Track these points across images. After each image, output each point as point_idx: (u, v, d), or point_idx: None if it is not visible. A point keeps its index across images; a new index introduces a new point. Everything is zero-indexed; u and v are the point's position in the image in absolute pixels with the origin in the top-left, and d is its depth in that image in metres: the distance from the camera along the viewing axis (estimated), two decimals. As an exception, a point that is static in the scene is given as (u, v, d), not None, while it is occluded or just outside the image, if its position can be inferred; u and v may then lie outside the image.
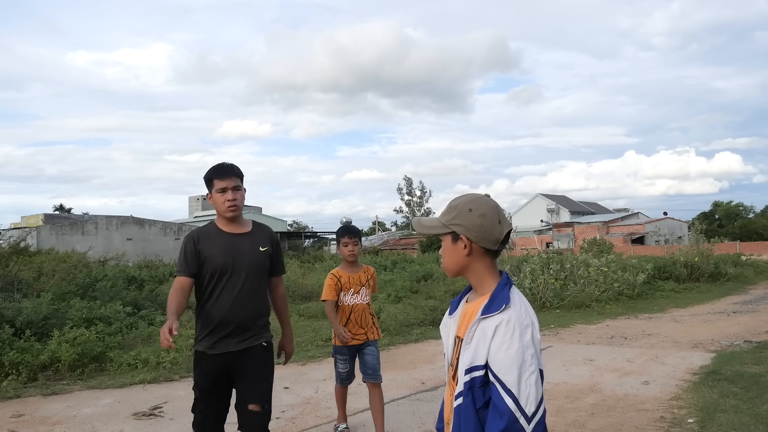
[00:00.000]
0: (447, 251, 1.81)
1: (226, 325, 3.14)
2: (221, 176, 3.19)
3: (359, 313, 4.50)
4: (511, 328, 1.64)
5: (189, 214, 70.44)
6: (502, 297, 1.69)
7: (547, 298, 12.69)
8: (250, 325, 3.20)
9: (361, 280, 4.54)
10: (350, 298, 4.49)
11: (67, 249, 23.75)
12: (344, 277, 4.50)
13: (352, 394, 5.93)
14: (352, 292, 4.49)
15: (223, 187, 3.17)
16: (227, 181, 3.19)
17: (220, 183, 3.18)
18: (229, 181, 3.19)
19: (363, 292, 4.53)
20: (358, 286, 4.51)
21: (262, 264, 3.28)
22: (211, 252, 3.16)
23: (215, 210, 3.24)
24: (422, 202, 68.16)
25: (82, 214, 55.82)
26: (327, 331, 9.43)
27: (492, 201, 1.80)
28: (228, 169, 3.23)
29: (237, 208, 3.19)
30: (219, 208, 3.20)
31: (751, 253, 28.17)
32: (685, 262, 18.21)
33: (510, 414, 1.58)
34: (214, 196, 3.21)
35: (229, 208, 3.18)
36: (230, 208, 3.18)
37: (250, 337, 3.20)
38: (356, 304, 4.50)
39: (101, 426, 5.11)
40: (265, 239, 3.32)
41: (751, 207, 76.02)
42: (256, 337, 3.22)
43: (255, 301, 3.23)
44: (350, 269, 4.54)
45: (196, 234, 3.25)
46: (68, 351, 6.85)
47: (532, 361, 1.63)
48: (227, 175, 3.20)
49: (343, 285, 4.48)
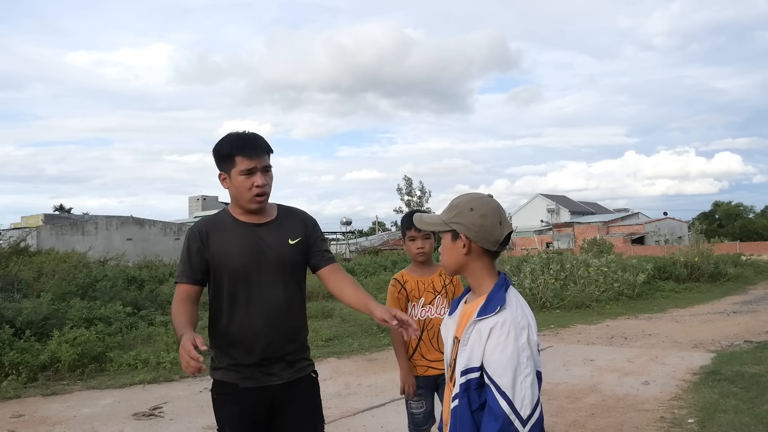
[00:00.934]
0: (446, 249, 1.81)
1: (259, 348, 2.32)
2: (248, 152, 2.31)
3: (435, 330, 3.23)
4: (506, 330, 1.63)
5: (189, 214, 70.45)
6: (497, 299, 1.69)
7: (547, 298, 12.68)
8: (290, 345, 2.39)
9: (435, 285, 3.31)
10: (422, 311, 3.28)
11: (67, 249, 23.75)
12: (411, 282, 3.30)
13: (352, 394, 5.93)
14: (423, 303, 3.29)
15: (251, 167, 2.30)
16: (256, 159, 2.31)
17: (245, 162, 2.30)
18: (259, 160, 2.32)
19: (439, 302, 3.30)
20: (432, 294, 3.30)
21: (296, 261, 2.44)
22: (225, 250, 2.34)
23: (233, 197, 2.40)
24: (422, 202, 68.06)
25: (82, 214, 55.84)
26: (326, 331, 9.43)
27: (494, 201, 1.80)
28: (257, 143, 2.34)
29: (266, 197, 2.37)
30: (242, 195, 2.34)
31: (751, 253, 28.12)
32: (685, 262, 18.20)
33: (504, 416, 1.58)
34: (235, 179, 2.32)
35: (256, 198, 2.33)
36: (258, 197, 2.33)
37: (296, 362, 2.41)
38: (430, 318, 3.27)
39: (101, 426, 5.11)
40: (296, 227, 2.47)
41: (751, 207, 76.06)
42: (301, 363, 2.43)
43: (291, 312, 2.40)
44: (420, 271, 3.33)
45: (203, 226, 2.41)
46: (68, 351, 6.85)
47: (527, 364, 1.62)
48: (256, 152, 2.32)
49: (410, 293, 3.29)
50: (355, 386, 6.30)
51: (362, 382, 6.45)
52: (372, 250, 42.58)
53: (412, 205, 44.28)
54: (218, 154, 2.37)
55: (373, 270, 21.95)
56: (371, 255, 34.65)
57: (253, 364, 2.32)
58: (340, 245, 51.71)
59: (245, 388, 2.32)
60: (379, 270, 21.94)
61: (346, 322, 10.67)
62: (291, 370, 2.38)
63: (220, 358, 2.38)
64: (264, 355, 2.32)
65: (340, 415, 5.20)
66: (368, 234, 69.85)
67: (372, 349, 8.41)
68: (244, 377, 2.33)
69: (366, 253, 39.50)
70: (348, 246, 49.73)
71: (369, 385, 6.31)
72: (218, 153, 2.37)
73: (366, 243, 55.33)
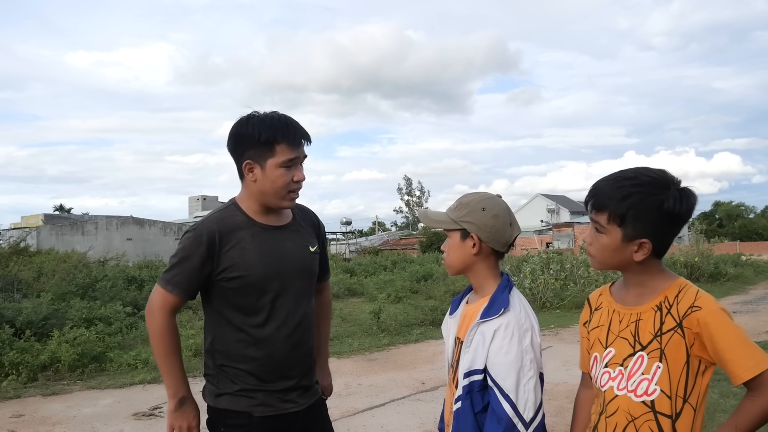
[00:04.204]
0: (453, 248, 1.78)
1: (277, 371, 2.02)
2: (292, 140, 1.96)
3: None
4: (509, 333, 1.62)
5: (189, 214, 70.45)
6: (501, 300, 1.68)
7: (547, 298, 12.68)
8: (306, 366, 2.11)
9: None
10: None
11: (67, 249, 23.73)
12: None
13: (352, 394, 5.94)
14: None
15: (293, 158, 1.96)
16: (299, 149, 1.99)
17: (288, 151, 1.95)
18: (301, 150, 2.01)
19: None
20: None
21: (315, 270, 2.17)
22: (243, 259, 1.97)
23: (258, 191, 2.00)
24: (421, 202, 68.12)
25: (82, 214, 55.81)
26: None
27: (504, 202, 1.79)
28: (300, 129, 2.00)
29: (298, 195, 2.07)
30: (276, 192, 1.98)
31: (751, 253, 28.12)
32: (685, 262, 18.19)
33: (507, 419, 1.57)
34: (272, 171, 1.95)
35: (291, 194, 2.02)
36: (294, 193, 2.03)
37: (310, 386, 2.13)
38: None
39: (101, 426, 5.11)
40: (313, 231, 2.20)
41: (752, 207, 76.09)
42: (314, 387, 2.16)
43: (311, 329, 2.13)
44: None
45: (215, 230, 1.97)
46: (68, 351, 6.85)
47: (531, 366, 1.62)
48: (300, 140, 1.99)
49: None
50: (355, 386, 6.30)
51: (362, 382, 6.45)
52: (372, 250, 42.60)
53: (412, 205, 44.33)
54: (250, 139, 1.93)
55: (373, 270, 21.96)
56: (371, 255, 34.68)
57: (268, 390, 2.00)
58: (340, 245, 51.70)
59: (260, 418, 1.98)
60: (379, 270, 21.95)
61: (346, 322, 10.68)
62: (306, 394, 2.10)
63: (226, 383, 2.02)
64: (281, 377, 2.02)
65: (340, 415, 5.20)
66: (368, 234, 69.85)
67: (372, 349, 8.42)
68: (258, 404, 1.99)
69: (366, 253, 39.53)
70: (348, 246, 49.74)
71: (369, 385, 6.32)
72: (251, 137, 1.93)
73: (366, 243, 55.33)
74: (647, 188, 1.49)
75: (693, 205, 1.51)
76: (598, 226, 1.57)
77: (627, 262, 1.55)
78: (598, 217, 1.56)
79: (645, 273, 1.57)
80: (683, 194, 1.50)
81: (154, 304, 2.00)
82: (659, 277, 1.57)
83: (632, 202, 1.49)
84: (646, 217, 1.49)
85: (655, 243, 1.52)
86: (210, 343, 2.06)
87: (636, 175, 1.53)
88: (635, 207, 1.49)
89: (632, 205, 1.49)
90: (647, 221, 1.49)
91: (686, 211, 1.51)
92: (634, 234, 1.51)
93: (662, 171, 1.53)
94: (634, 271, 1.58)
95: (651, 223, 1.49)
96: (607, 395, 1.56)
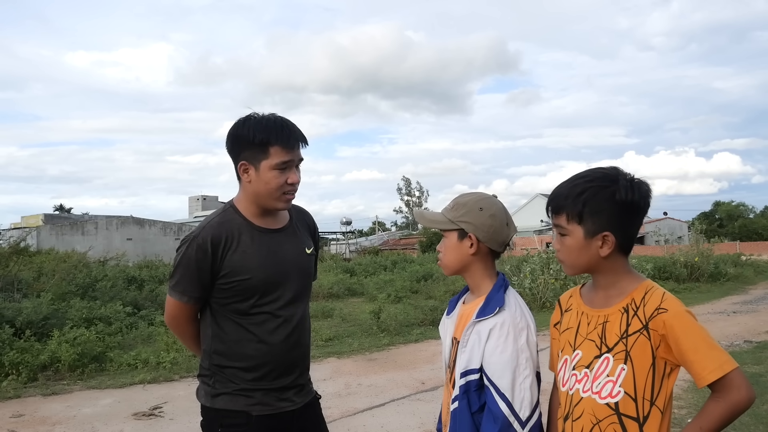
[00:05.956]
0: (450, 248, 1.78)
1: (276, 369, 2.06)
2: (287, 143, 1.98)
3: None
4: (505, 332, 1.63)
5: (189, 215, 70.43)
6: (496, 299, 1.68)
7: (547, 298, 12.68)
8: (302, 366, 2.16)
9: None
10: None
11: (67, 249, 23.73)
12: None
13: (352, 394, 5.94)
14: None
15: (287, 160, 1.98)
16: (293, 152, 2.00)
17: (282, 153, 1.97)
18: (296, 152, 2.02)
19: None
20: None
21: (311, 272, 2.23)
22: (244, 263, 2.00)
23: (253, 193, 2.03)
24: (421, 202, 68.14)
25: (82, 214, 55.82)
26: (326, 331, 9.44)
27: (500, 202, 1.79)
28: (296, 131, 2.02)
29: (294, 197, 2.10)
30: (270, 194, 2.01)
31: (751, 253, 28.11)
32: (685, 262, 18.19)
33: (504, 418, 1.57)
34: (265, 173, 1.98)
35: (286, 196, 2.03)
36: (289, 195, 2.05)
37: (305, 384, 2.17)
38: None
39: (101, 426, 5.11)
40: (307, 233, 2.25)
41: (752, 207, 76.05)
42: (308, 385, 2.20)
43: (307, 329, 2.19)
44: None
45: (217, 235, 2.01)
46: (68, 351, 6.85)
47: (526, 365, 1.62)
48: (295, 143, 2.01)
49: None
50: (355, 386, 6.31)
51: (362, 382, 6.46)
52: (372, 250, 42.59)
53: (412, 205, 44.34)
54: (245, 140, 1.97)
55: (373, 270, 21.98)
56: (371, 255, 34.66)
57: (266, 388, 2.04)
58: (340, 245, 51.71)
59: (258, 417, 2.01)
60: (379, 270, 21.96)
61: (346, 322, 10.68)
62: (302, 393, 2.13)
63: (223, 382, 2.04)
64: (279, 376, 2.06)
65: (340, 415, 5.20)
66: (368, 234, 69.84)
67: (372, 349, 8.42)
68: (256, 403, 2.02)
69: (366, 253, 39.51)
70: (348, 246, 49.74)
71: (369, 385, 6.32)
72: (246, 139, 1.97)
73: (366, 243, 55.33)
74: (598, 182, 1.54)
75: (646, 193, 1.55)
76: (560, 229, 1.60)
77: (595, 261, 1.58)
78: (558, 220, 1.60)
79: (614, 273, 1.59)
80: (634, 184, 1.54)
81: (171, 314, 2.11)
82: (626, 278, 1.58)
83: (586, 198, 1.53)
84: (602, 209, 1.52)
85: (617, 235, 1.54)
86: (209, 343, 2.08)
87: (587, 173, 1.59)
88: (589, 202, 1.53)
89: (586, 200, 1.53)
90: (604, 213, 1.53)
91: (639, 198, 1.54)
92: (595, 229, 1.54)
93: (614, 167, 1.58)
94: (603, 271, 1.60)
95: (608, 215, 1.53)
96: (573, 398, 1.58)
